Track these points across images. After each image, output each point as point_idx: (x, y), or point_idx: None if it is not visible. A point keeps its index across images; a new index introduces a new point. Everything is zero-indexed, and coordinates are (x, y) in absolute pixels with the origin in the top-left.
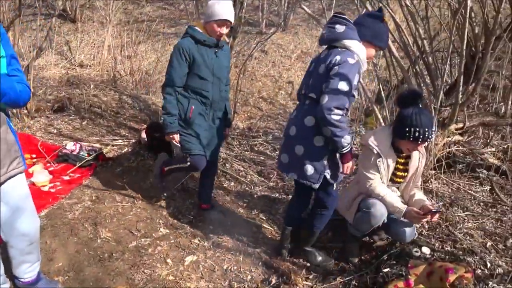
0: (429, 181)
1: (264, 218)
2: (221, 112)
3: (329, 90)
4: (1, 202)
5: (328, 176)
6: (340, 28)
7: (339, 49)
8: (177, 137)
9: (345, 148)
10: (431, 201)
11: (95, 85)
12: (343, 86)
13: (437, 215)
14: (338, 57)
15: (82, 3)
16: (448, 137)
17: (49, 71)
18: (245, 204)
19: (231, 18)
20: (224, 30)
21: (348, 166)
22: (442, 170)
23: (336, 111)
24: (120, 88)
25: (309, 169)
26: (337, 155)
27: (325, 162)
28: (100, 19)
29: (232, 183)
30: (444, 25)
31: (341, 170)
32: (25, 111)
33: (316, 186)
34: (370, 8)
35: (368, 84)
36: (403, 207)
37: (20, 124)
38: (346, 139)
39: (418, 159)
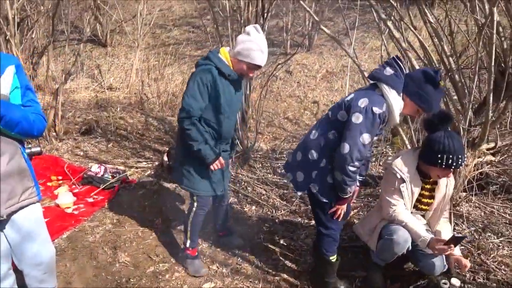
0: (460, 205)
1: (286, 244)
2: (228, 144)
3: (351, 141)
4: (13, 232)
5: (314, 190)
6: (388, 71)
7: (376, 91)
8: (218, 162)
9: (346, 195)
10: (458, 228)
11: (122, 107)
12: (365, 138)
13: (458, 251)
14: (366, 100)
15: (113, 28)
16: (479, 157)
17: (79, 94)
18: (266, 229)
19: (264, 64)
20: (251, 75)
21: (340, 208)
22: (473, 192)
23: (356, 163)
24: (146, 110)
25: (300, 176)
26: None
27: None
28: (129, 43)
29: (254, 207)
30: (471, 41)
31: (333, 205)
32: (54, 133)
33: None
34: (392, 28)
35: None
36: (428, 236)
37: (48, 146)
38: (351, 189)
39: (445, 185)
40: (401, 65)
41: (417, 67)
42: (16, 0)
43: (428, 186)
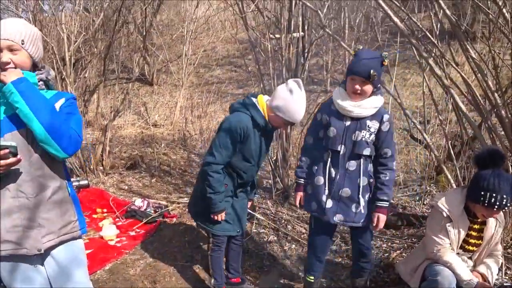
0: None
1: (325, 284)
2: (248, 186)
3: None
4: (51, 267)
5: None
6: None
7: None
8: (223, 215)
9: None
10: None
11: (166, 143)
12: None
13: None
14: None
15: (159, 68)
16: None
17: (126, 130)
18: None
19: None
20: (283, 129)
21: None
22: None
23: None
24: (189, 147)
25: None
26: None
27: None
28: (174, 82)
29: (293, 246)
30: None
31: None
32: (101, 167)
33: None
34: (433, 65)
35: (438, 140)
36: (474, 280)
37: (95, 179)
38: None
39: (494, 227)
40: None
41: (460, 104)
42: (72, 43)
43: (476, 227)
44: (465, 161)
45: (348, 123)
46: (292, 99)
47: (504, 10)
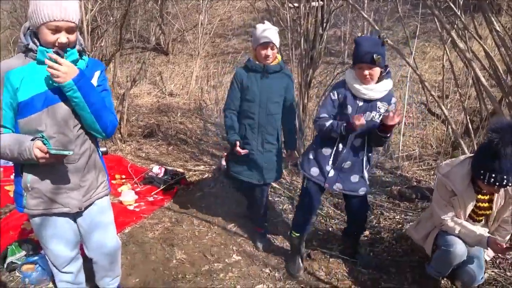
0: None
1: (339, 252)
2: (273, 137)
3: None
4: (85, 222)
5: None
6: None
7: None
8: (238, 146)
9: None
10: None
11: (182, 113)
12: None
13: None
14: None
15: (174, 37)
16: None
17: (142, 99)
18: (319, 237)
19: (273, 39)
20: (269, 52)
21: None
22: None
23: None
24: (205, 116)
25: None
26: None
27: None
28: (189, 51)
29: None
30: None
31: None
32: (119, 135)
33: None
34: (455, 37)
35: (456, 115)
36: (486, 235)
37: (114, 147)
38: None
39: (504, 198)
40: None
41: (482, 78)
42: (89, 11)
43: (485, 197)
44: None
45: (360, 103)
46: (256, 29)
47: None
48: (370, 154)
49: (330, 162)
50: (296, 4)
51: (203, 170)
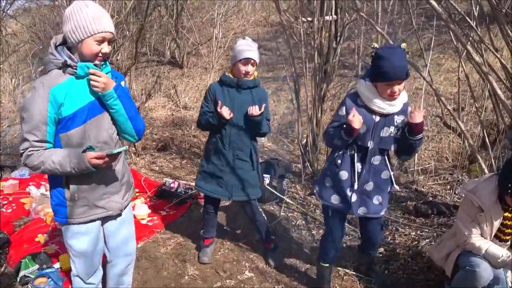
0: None
1: (351, 269)
2: (245, 154)
3: None
4: (112, 223)
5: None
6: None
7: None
8: (224, 109)
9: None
10: None
11: (196, 126)
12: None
13: None
14: None
15: (189, 51)
16: None
17: (157, 112)
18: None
19: (254, 56)
20: (250, 68)
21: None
22: None
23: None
24: None
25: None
26: None
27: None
28: (204, 65)
29: (321, 231)
30: None
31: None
32: (133, 148)
33: None
34: (471, 50)
35: (472, 128)
36: (510, 254)
37: (128, 160)
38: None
39: None
40: None
41: (499, 91)
42: None
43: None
44: (500, 151)
45: (377, 119)
46: (237, 44)
47: None
48: (393, 173)
49: (351, 186)
50: (309, 19)
51: None
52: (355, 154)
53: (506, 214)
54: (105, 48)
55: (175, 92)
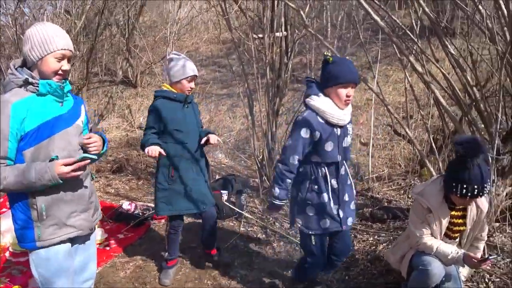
0: (493, 235)
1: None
2: (203, 163)
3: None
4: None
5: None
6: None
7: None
8: (155, 150)
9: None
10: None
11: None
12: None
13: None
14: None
15: (143, 70)
16: (511, 186)
17: (111, 133)
18: (295, 264)
19: (196, 72)
20: (193, 84)
21: None
22: (507, 222)
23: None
24: None
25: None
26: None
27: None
28: (158, 83)
29: (282, 243)
30: (494, 69)
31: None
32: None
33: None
34: (414, 62)
35: (421, 134)
36: (461, 252)
37: None
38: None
39: (476, 213)
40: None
41: (441, 99)
42: None
43: (458, 213)
44: (447, 154)
45: (339, 131)
46: (176, 61)
47: (480, 7)
48: (351, 178)
49: (334, 204)
50: (260, 35)
51: None
52: (326, 173)
53: (453, 213)
54: (65, 65)
55: (129, 112)
